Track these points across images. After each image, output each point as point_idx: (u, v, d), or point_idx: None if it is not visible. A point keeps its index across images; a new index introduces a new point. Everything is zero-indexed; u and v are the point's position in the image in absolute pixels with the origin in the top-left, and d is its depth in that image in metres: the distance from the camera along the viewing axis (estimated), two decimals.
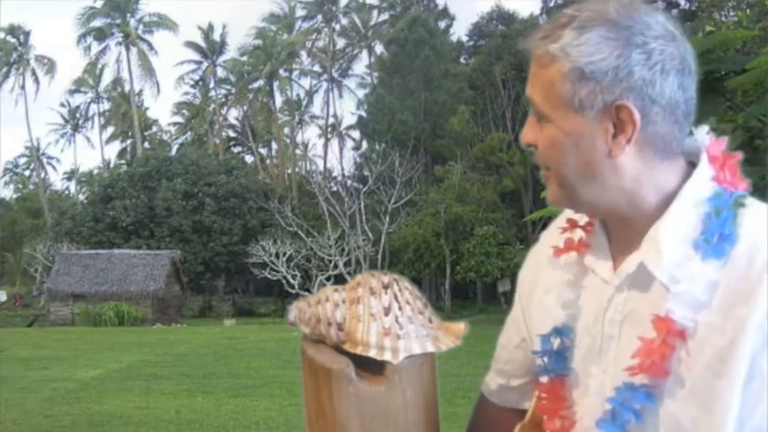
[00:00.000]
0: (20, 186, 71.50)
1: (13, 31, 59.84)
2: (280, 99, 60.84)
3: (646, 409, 1.03)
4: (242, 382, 13.80)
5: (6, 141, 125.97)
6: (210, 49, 59.76)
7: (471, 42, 47.95)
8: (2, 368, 15.53)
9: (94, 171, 67.85)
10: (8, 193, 70.92)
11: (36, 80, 60.84)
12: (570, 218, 1.18)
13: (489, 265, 34.39)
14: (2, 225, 56.24)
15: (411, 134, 42.56)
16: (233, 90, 60.76)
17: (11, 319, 40.65)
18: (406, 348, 1.10)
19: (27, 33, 60.54)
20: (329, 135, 59.77)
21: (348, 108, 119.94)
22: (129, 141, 64.17)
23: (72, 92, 65.35)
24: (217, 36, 59.82)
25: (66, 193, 72.05)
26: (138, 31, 57.94)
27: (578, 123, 1.04)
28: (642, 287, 1.07)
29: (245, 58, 58.54)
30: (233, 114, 64.23)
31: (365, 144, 49.56)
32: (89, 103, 65.73)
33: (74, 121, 66.56)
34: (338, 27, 59.19)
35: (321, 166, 59.98)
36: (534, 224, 28.34)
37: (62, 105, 66.42)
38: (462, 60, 47.59)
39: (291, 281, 34.31)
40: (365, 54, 58.82)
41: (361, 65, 64.95)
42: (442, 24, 49.48)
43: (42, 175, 67.08)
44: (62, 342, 22.90)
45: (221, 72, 60.63)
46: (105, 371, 15.79)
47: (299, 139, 65.36)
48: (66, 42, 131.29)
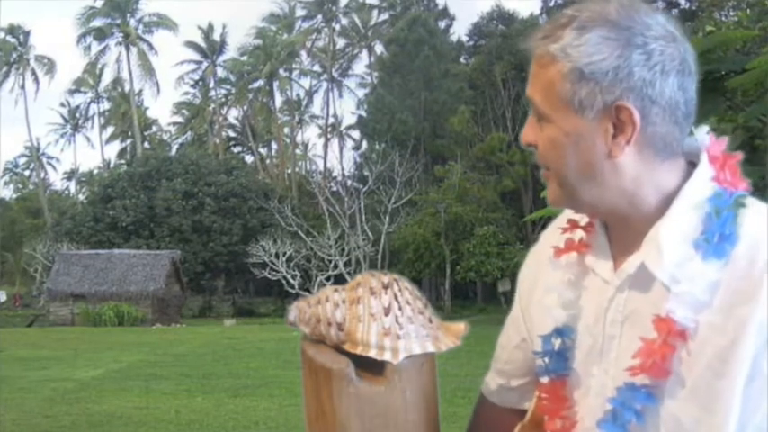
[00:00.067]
0: (20, 186, 71.55)
1: (13, 31, 59.85)
2: (280, 99, 60.97)
3: (647, 410, 1.03)
4: (242, 382, 13.81)
5: (6, 141, 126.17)
6: (210, 48, 59.76)
7: (471, 42, 47.97)
8: (1, 368, 15.52)
9: (94, 171, 67.95)
10: (8, 193, 71.05)
11: (36, 80, 60.98)
12: (571, 218, 1.18)
13: (489, 265, 34.40)
14: (2, 225, 56.22)
15: (411, 134, 42.56)
16: (233, 90, 60.76)
17: (10, 318, 40.64)
18: (406, 348, 1.10)
19: (27, 33, 60.63)
20: (329, 135, 59.81)
21: (348, 108, 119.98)
22: (129, 141, 64.18)
23: (72, 92, 65.49)
24: (217, 36, 59.90)
25: (66, 193, 72.11)
26: (138, 31, 57.97)
27: (578, 124, 1.04)
28: (643, 287, 1.07)
29: (245, 57, 58.54)
30: (233, 114, 64.36)
31: (365, 144, 49.58)
32: (89, 103, 65.89)
33: (74, 121, 66.58)
34: (338, 27, 59.28)
35: (321, 166, 60.09)
36: (534, 224, 28.32)
37: (62, 105, 66.56)
38: (462, 60, 47.60)
39: (291, 281, 34.31)
40: (365, 54, 58.93)
41: (361, 65, 65.07)
42: (442, 24, 49.49)
43: (42, 175, 67.15)
44: (62, 342, 22.91)
45: (221, 72, 60.74)
46: (105, 371, 15.79)
47: (298, 139, 65.49)
48: (66, 42, 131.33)
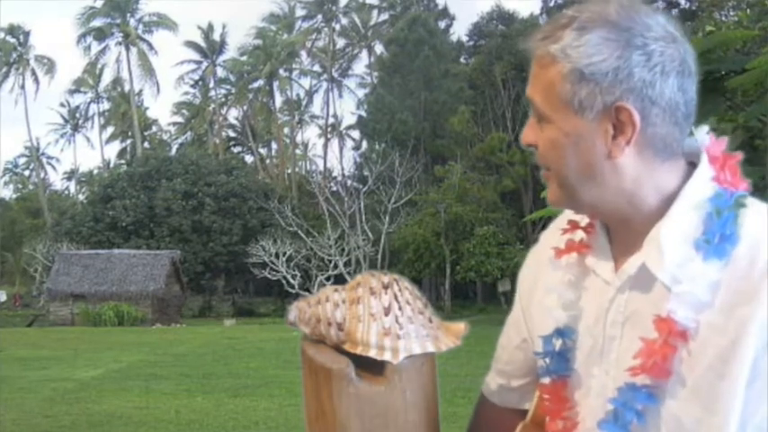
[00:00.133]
0: (20, 186, 71.54)
1: (12, 31, 59.84)
2: (280, 99, 60.96)
3: (648, 410, 1.03)
4: (241, 382, 13.81)
5: (6, 141, 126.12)
6: (210, 48, 59.75)
7: (471, 42, 47.97)
8: (1, 368, 15.52)
9: (94, 171, 67.94)
10: (8, 193, 71.03)
11: (36, 80, 60.95)
12: (571, 219, 1.18)
13: (489, 265, 34.39)
14: (2, 225, 56.20)
15: (411, 134, 42.55)
16: (233, 90, 60.74)
17: (10, 318, 40.63)
18: (406, 348, 1.10)
19: (27, 33, 60.61)
20: (329, 135, 59.80)
21: (348, 108, 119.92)
22: (129, 141, 64.17)
23: (72, 92, 65.47)
24: (217, 36, 59.88)
25: (66, 193, 72.10)
26: (138, 31, 57.96)
27: (578, 124, 1.04)
28: (644, 288, 1.07)
29: (244, 57, 58.52)
30: (233, 114, 64.34)
31: (365, 144, 49.58)
32: (89, 103, 65.87)
33: (74, 121, 66.56)
34: (338, 27, 59.27)
35: (321, 166, 60.08)
36: (534, 224, 28.32)
37: (62, 105, 66.53)
38: (462, 60, 47.60)
39: (291, 281, 34.31)
40: (365, 54, 58.91)
41: (361, 65, 65.05)
42: (442, 24, 49.48)
43: (42, 174, 67.13)
44: (62, 342, 22.90)
45: (221, 72, 60.73)
46: (105, 371, 15.79)
47: (298, 139, 65.47)
48: (66, 42, 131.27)
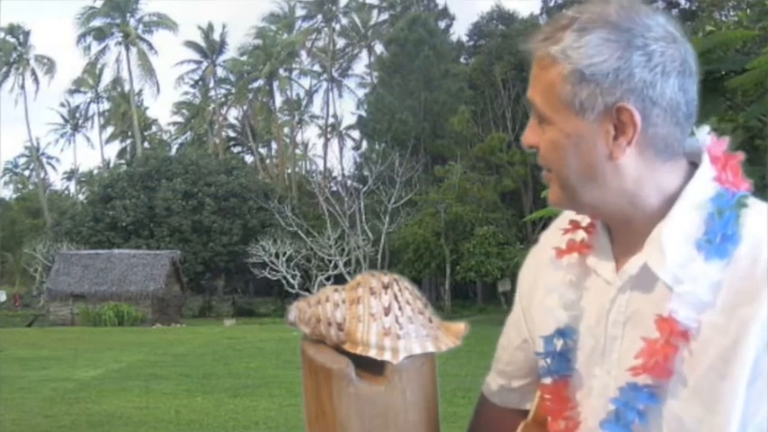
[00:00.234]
0: (20, 186, 71.55)
1: (12, 30, 59.84)
2: (279, 99, 60.97)
3: (649, 410, 1.03)
4: (241, 382, 13.80)
5: (6, 141, 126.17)
6: (210, 48, 59.75)
7: (471, 42, 47.97)
8: (1, 368, 15.52)
9: (94, 171, 67.95)
10: (8, 193, 71.04)
11: (36, 80, 60.96)
12: (572, 219, 1.18)
13: (489, 265, 34.40)
14: (2, 225, 56.20)
15: (411, 134, 42.56)
16: (233, 90, 60.75)
17: (10, 318, 40.63)
18: (406, 348, 1.09)
19: (27, 33, 60.60)
20: (329, 135, 59.79)
21: (348, 108, 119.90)
22: (129, 141, 64.17)
23: (72, 92, 65.47)
24: (217, 36, 59.88)
25: (66, 192, 72.09)
26: (138, 31, 57.97)
27: (579, 125, 1.04)
28: (645, 288, 1.07)
29: (244, 57, 58.52)
30: (233, 114, 64.34)
31: (365, 144, 49.58)
32: (89, 103, 65.88)
33: (73, 121, 66.57)
34: (338, 27, 59.28)
35: (321, 166, 60.08)
36: (534, 224, 28.33)
37: (62, 105, 66.54)
38: (462, 60, 47.60)
39: (291, 281, 34.31)
40: (365, 54, 58.92)
41: (361, 65, 65.11)
42: (442, 24, 49.49)
43: (42, 174, 67.14)
44: (62, 342, 22.90)
45: (221, 72, 60.72)
46: (105, 371, 15.79)
47: (298, 138, 65.48)
48: (66, 42, 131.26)
